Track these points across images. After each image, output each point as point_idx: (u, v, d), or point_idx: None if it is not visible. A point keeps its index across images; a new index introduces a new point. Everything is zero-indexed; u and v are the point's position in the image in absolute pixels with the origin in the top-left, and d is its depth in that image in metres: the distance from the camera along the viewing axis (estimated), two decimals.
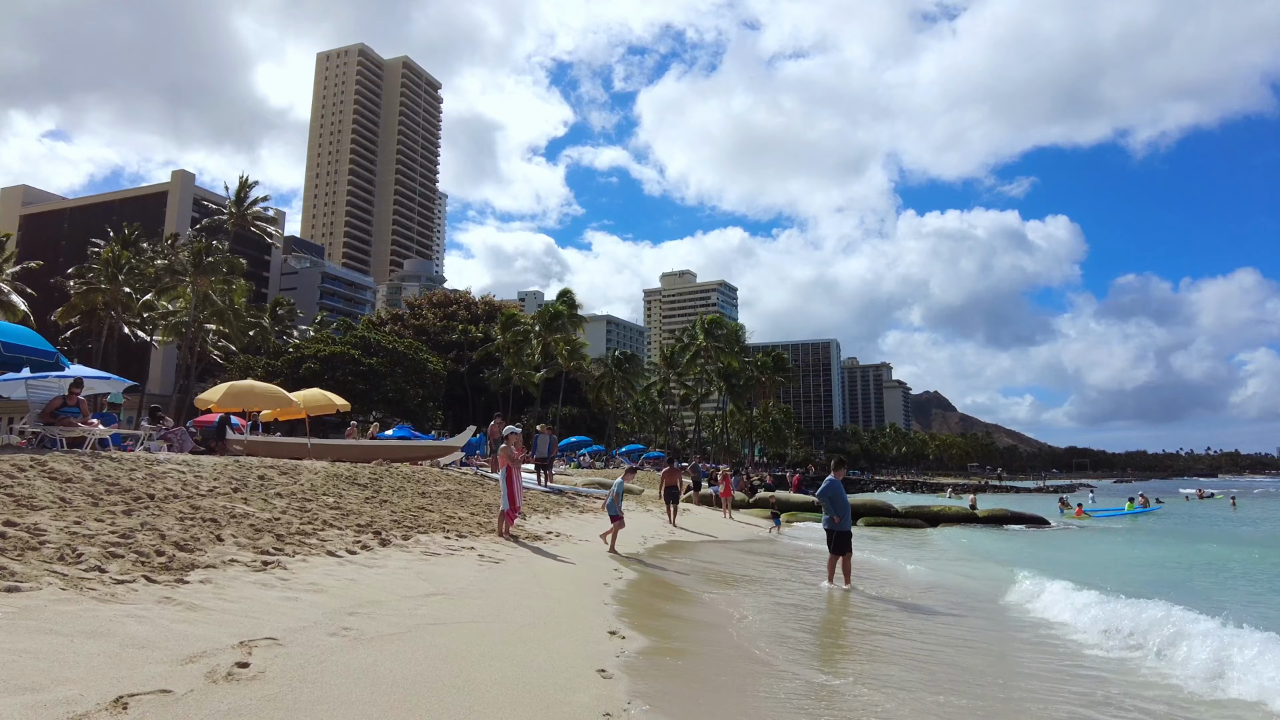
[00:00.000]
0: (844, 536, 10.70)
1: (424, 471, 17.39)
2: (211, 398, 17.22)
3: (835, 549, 10.73)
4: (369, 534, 9.01)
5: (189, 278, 45.09)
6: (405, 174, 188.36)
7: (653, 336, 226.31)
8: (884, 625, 8.18)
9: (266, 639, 4.46)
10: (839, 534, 10.70)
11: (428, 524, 10.78)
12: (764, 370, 76.43)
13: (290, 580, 6.12)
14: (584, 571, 9.45)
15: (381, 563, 7.61)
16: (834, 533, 10.74)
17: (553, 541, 11.63)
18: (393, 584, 6.77)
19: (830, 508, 10.90)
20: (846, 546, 10.69)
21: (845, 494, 11.04)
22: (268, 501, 9.87)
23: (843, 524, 10.74)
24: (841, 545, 10.68)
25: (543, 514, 15.08)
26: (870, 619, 8.56)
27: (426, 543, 9.28)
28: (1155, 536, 25.13)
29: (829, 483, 10.96)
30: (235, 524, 7.90)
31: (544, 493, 19.48)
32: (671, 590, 9.46)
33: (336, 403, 20.26)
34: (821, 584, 10.80)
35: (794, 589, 10.60)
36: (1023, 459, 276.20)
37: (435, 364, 70.13)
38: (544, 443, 21.34)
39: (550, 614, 6.63)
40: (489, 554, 9.25)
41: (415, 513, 11.67)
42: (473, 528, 11.33)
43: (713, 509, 27.15)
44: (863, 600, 9.85)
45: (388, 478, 15.38)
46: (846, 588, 10.45)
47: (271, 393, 18.11)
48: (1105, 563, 17.53)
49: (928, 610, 9.30)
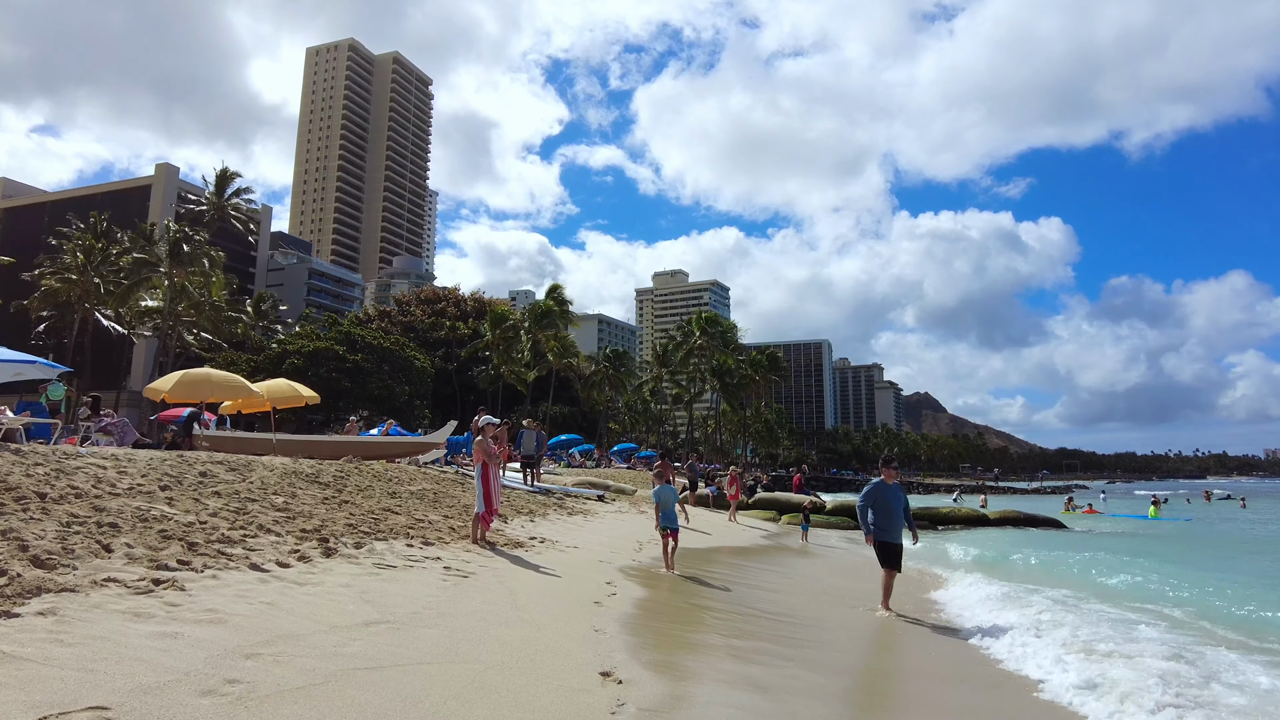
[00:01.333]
0: (888, 549, 9.11)
1: (399, 470, 15.90)
2: (162, 387, 15.66)
3: (886, 561, 9.18)
4: (313, 541, 7.54)
5: (164, 269, 43.29)
6: (395, 170, 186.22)
7: (645, 336, 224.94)
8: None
9: (90, 709, 3.00)
10: (885, 545, 9.12)
11: (390, 529, 9.31)
12: (758, 368, 75.13)
13: (181, 607, 4.65)
14: (571, 586, 8.00)
15: (318, 578, 6.15)
16: (883, 544, 9.15)
17: (536, 549, 10.17)
18: (324, 608, 5.30)
19: (874, 518, 9.16)
20: (890, 560, 9.09)
21: (897, 500, 9.17)
22: (200, 502, 8.38)
23: (891, 533, 9.11)
24: (886, 554, 9.10)
25: (526, 516, 13.61)
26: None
27: (383, 551, 7.81)
28: (1216, 540, 23.78)
29: (873, 487, 9.23)
30: (141, 530, 6.41)
31: (530, 493, 18.02)
32: (680, 609, 8.02)
33: (304, 394, 18.72)
34: (878, 612, 9.10)
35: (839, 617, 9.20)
36: (1013, 460, 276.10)
37: (422, 361, 68.48)
38: (530, 439, 19.88)
39: (525, 647, 5.18)
40: (457, 565, 7.78)
41: (378, 515, 10.19)
42: (444, 533, 9.87)
43: (710, 510, 25.72)
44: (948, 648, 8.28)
45: (356, 476, 13.91)
46: (885, 612, 8.96)
47: (229, 382, 16.56)
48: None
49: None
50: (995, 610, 9.70)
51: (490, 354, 66.34)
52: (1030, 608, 9.77)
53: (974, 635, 8.16)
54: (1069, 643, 7.33)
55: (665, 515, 10.71)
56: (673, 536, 10.60)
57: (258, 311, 67.79)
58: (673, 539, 10.60)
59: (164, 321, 44.66)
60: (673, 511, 10.81)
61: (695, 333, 73.05)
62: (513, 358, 65.31)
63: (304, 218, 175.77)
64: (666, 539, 10.63)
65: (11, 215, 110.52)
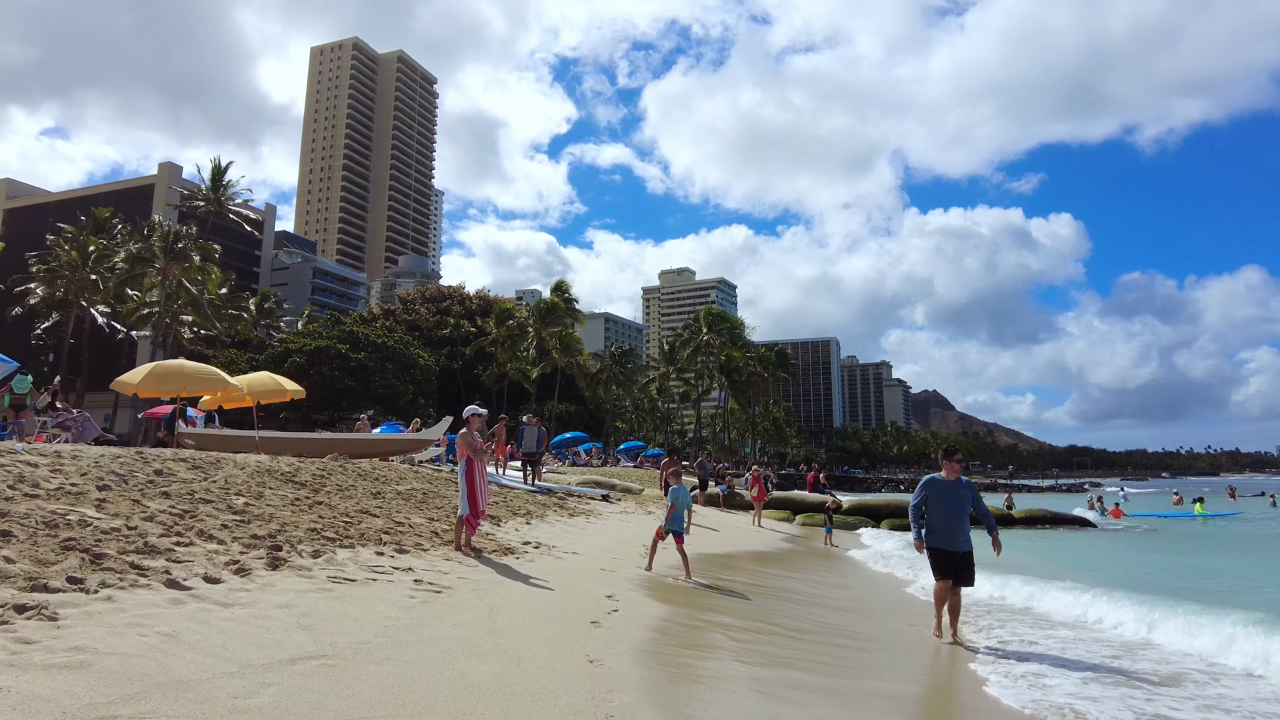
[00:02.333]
0: (945, 558, 7.35)
1: (388, 468, 14.80)
2: (131, 380, 14.58)
3: (940, 572, 7.41)
4: (261, 549, 6.42)
5: (160, 264, 42.33)
6: (400, 170, 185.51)
7: (651, 334, 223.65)
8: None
9: None
10: (941, 554, 7.37)
11: (361, 533, 8.19)
12: (766, 365, 73.87)
13: (37, 645, 3.53)
14: (566, 601, 6.85)
15: (251, 597, 5.02)
16: (937, 553, 7.41)
17: (529, 556, 9.03)
18: (243, 639, 4.17)
19: (930, 518, 7.50)
20: (951, 571, 7.33)
21: (958, 500, 7.44)
22: (140, 504, 7.27)
23: (949, 539, 7.35)
24: (944, 568, 7.36)
25: (522, 519, 12.47)
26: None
27: (345, 561, 6.68)
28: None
29: (927, 484, 7.60)
30: (39, 539, 5.29)
31: (530, 492, 16.89)
32: (694, 628, 6.86)
33: (288, 388, 17.59)
34: (939, 639, 7.54)
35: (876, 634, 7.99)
36: (1023, 458, 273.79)
37: (426, 359, 67.48)
38: (531, 435, 18.73)
39: (498, 689, 4.04)
40: (431, 577, 6.64)
41: (352, 518, 9.08)
42: (424, 538, 8.74)
43: (721, 510, 24.56)
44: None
45: (339, 475, 12.82)
46: (950, 641, 7.42)
47: (204, 374, 15.44)
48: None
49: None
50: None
51: (495, 351, 65.28)
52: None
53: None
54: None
55: (675, 518, 9.65)
56: (677, 541, 9.68)
57: (260, 310, 66.91)
58: (677, 543, 9.68)
59: (159, 318, 43.68)
60: (682, 515, 9.75)
61: (702, 329, 71.86)
62: (518, 355, 64.29)
63: (309, 217, 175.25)
64: (659, 540, 9.87)
65: (15, 216, 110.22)
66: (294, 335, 64.81)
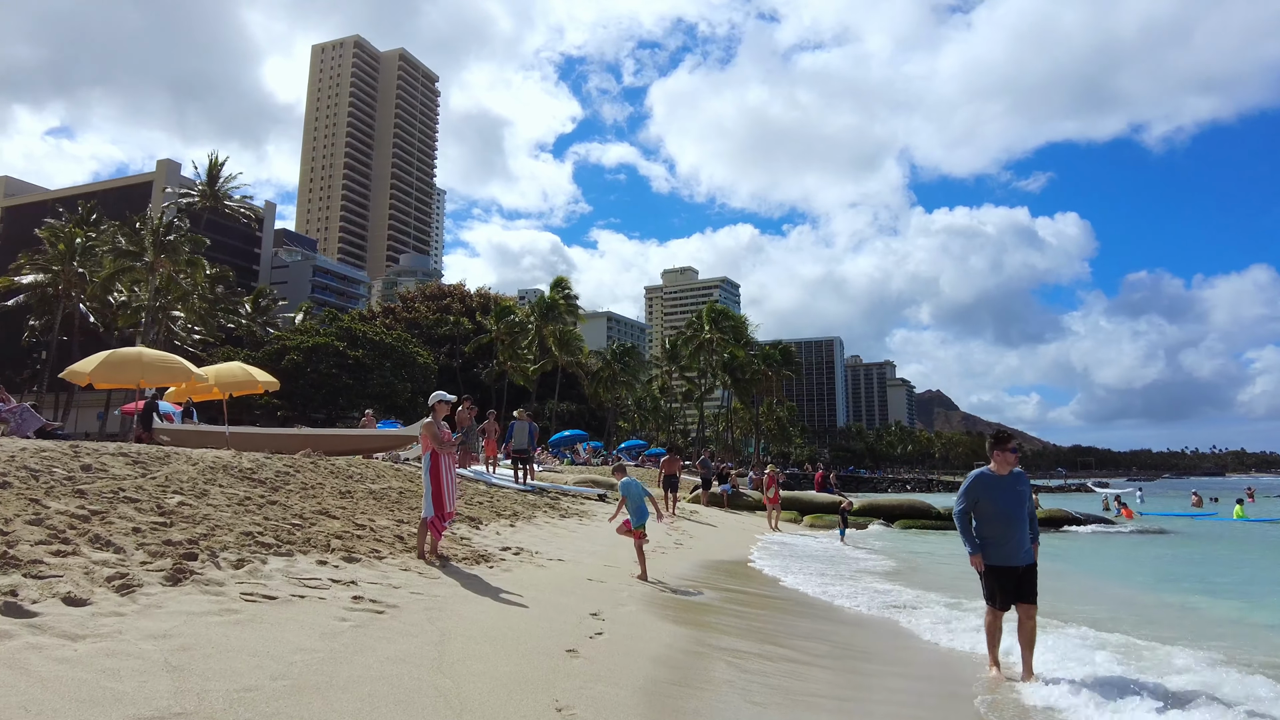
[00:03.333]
0: (1008, 576, 5.57)
1: (365, 466, 13.67)
2: (83, 370, 13.46)
3: (1001, 597, 5.63)
4: (168, 559, 5.28)
5: (148, 258, 41.26)
6: (402, 168, 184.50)
7: (654, 333, 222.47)
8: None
9: None
10: (1002, 572, 5.58)
11: (308, 538, 7.06)
12: (770, 363, 72.64)
13: None
14: (539, 622, 5.68)
15: (119, 625, 3.88)
16: (998, 571, 5.60)
17: (505, 565, 7.88)
18: (67, 690, 3.03)
19: (981, 525, 5.70)
20: (1013, 594, 5.57)
21: (1015, 500, 5.63)
22: (38, 503, 6.14)
23: (1009, 551, 5.56)
24: (1004, 588, 5.59)
25: (506, 521, 11.31)
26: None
27: (273, 572, 5.53)
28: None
29: (976, 481, 5.76)
30: None
31: (520, 492, 15.75)
32: (695, 655, 5.69)
33: (260, 379, 16.43)
34: (985, 672, 5.80)
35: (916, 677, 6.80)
36: (1028, 458, 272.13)
37: (425, 357, 66.39)
38: (522, 431, 17.57)
39: None
40: (376, 593, 5.50)
41: (306, 520, 7.95)
42: (385, 544, 7.61)
43: (725, 511, 23.42)
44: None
45: (309, 472, 11.71)
46: (1024, 681, 5.50)
47: (164, 363, 14.29)
48: None
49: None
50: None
51: (496, 349, 64.20)
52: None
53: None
54: None
55: (639, 511, 8.85)
56: (637, 536, 8.85)
57: (256, 307, 65.88)
58: (636, 539, 8.86)
59: (147, 314, 42.61)
60: (645, 507, 8.92)
61: (705, 326, 70.63)
62: (518, 353, 63.18)
63: (310, 216, 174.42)
64: (640, 543, 8.90)
65: (13, 214, 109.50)
66: (291, 332, 63.78)
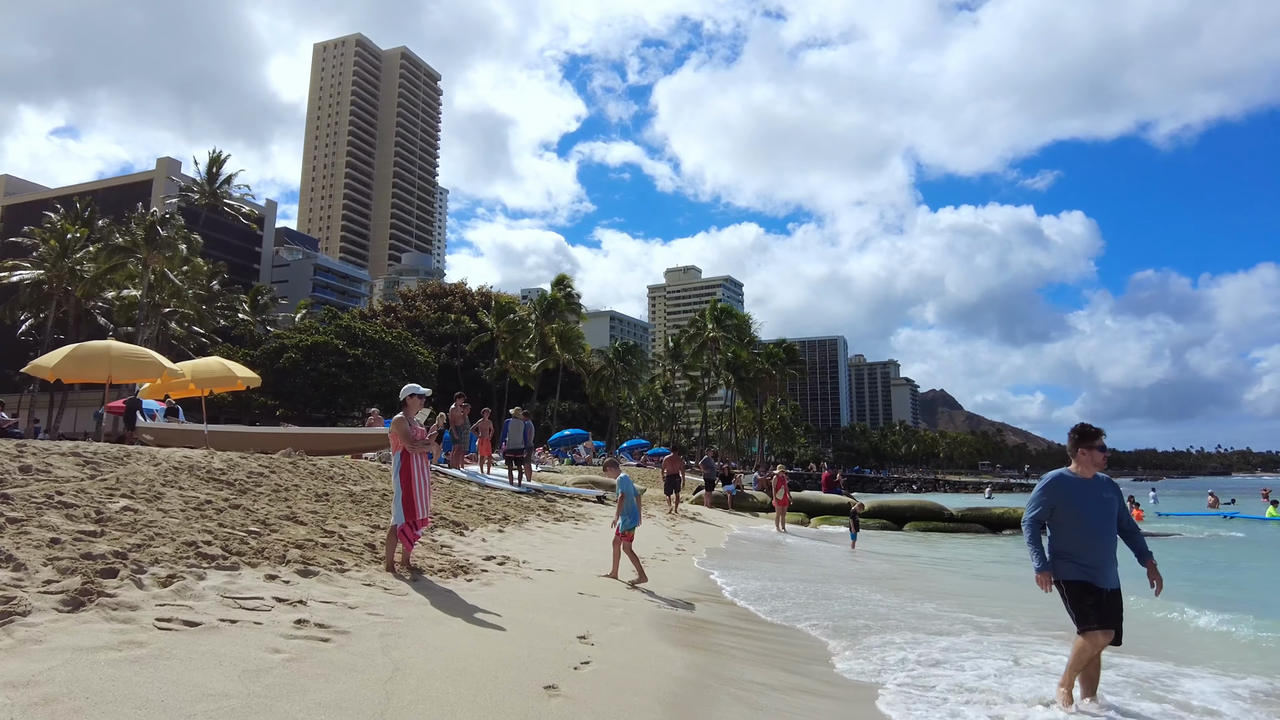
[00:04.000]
0: (1085, 596, 4.53)
1: (348, 467, 12.90)
2: (46, 363, 12.67)
3: (1095, 615, 4.50)
4: (77, 578, 4.49)
5: (141, 255, 40.53)
6: (404, 167, 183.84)
7: (657, 333, 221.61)
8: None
9: None
10: (1085, 590, 4.53)
11: (265, 548, 6.27)
12: (774, 361, 71.77)
13: None
14: (518, 647, 4.87)
15: None
16: (1079, 588, 4.55)
17: (487, 576, 7.08)
18: None
19: (1055, 539, 4.68)
20: (1089, 615, 4.50)
21: (1102, 507, 4.58)
22: None
23: (1095, 569, 4.53)
24: (1100, 609, 4.49)
25: (496, 525, 10.52)
26: None
27: (206, 591, 4.74)
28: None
29: (1054, 483, 4.67)
30: None
31: (514, 493, 14.96)
32: (699, 687, 4.88)
33: (240, 375, 15.62)
34: (1051, 708, 4.67)
35: None
36: (1032, 457, 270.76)
37: (426, 356, 65.66)
38: (517, 430, 16.77)
39: None
40: (326, 615, 4.70)
41: (268, 527, 7.17)
42: (352, 554, 6.83)
43: (729, 512, 22.62)
44: None
45: (285, 473, 10.97)
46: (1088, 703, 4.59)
47: (133, 356, 13.47)
48: None
49: None
50: None
51: (499, 347, 63.47)
52: None
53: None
54: None
55: (632, 512, 8.32)
56: (626, 538, 8.38)
57: (254, 305, 65.21)
58: (625, 540, 8.38)
59: (141, 310, 41.88)
60: (635, 508, 8.40)
61: (708, 324, 69.81)
62: (519, 352, 62.43)
63: (312, 215, 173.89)
64: (626, 545, 8.37)
65: (13, 212, 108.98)
66: (290, 331, 63.13)
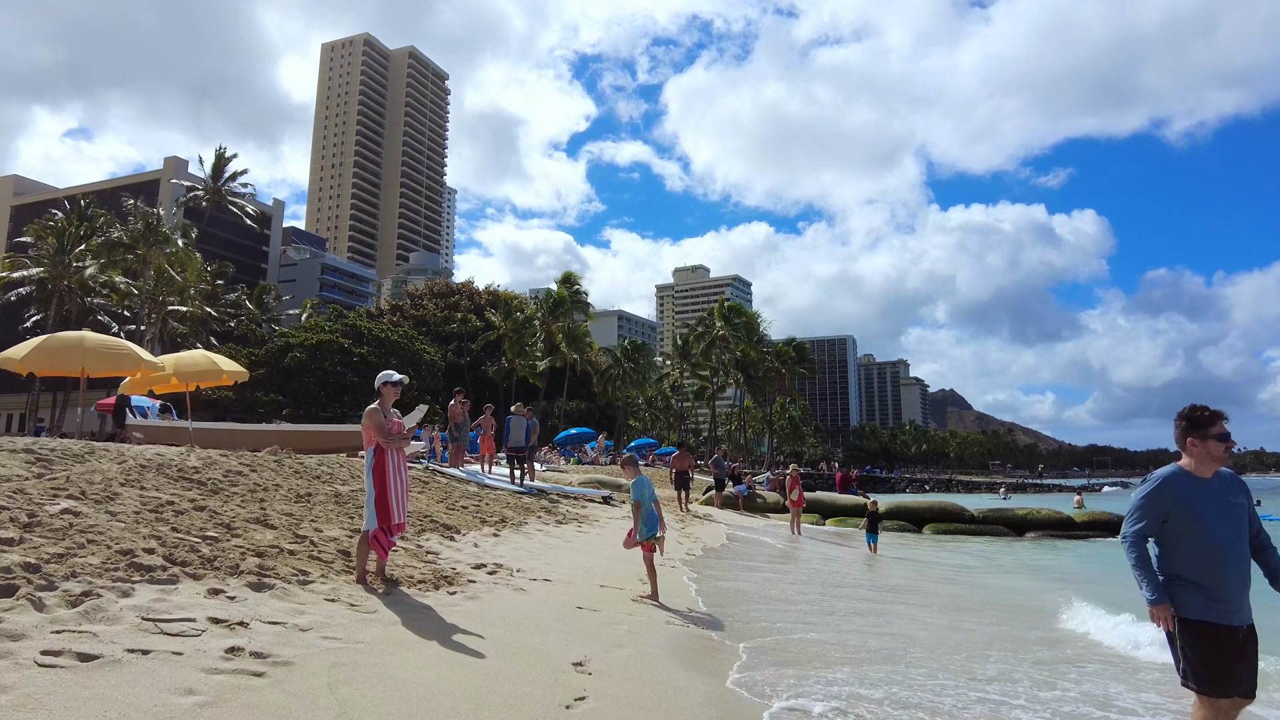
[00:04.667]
0: (1225, 638, 3.20)
1: (337, 465, 12.14)
2: (15, 355, 11.98)
3: (1221, 678, 3.22)
4: None
5: (140, 250, 39.99)
6: (412, 167, 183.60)
7: (665, 332, 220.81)
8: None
9: None
10: (1215, 631, 3.22)
11: (217, 556, 5.49)
12: (784, 360, 70.84)
13: None
14: (497, 680, 4.06)
15: None
16: (1206, 630, 3.22)
17: (473, 588, 6.28)
18: None
19: (1163, 559, 3.38)
20: (1225, 678, 3.20)
21: (1229, 517, 3.29)
22: None
23: (1227, 602, 3.22)
24: (1229, 663, 3.21)
25: (491, 529, 9.73)
26: None
27: (126, 611, 3.96)
28: None
29: (1163, 486, 3.37)
30: None
31: (515, 494, 14.18)
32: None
33: (225, 369, 14.85)
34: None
35: None
36: (1042, 457, 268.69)
37: (432, 355, 65.08)
38: (519, 427, 15.98)
39: None
40: (268, 640, 3.91)
41: (230, 532, 6.41)
42: (324, 561, 6.05)
43: (740, 513, 21.80)
44: None
45: (267, 471, 10.24)
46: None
47: (109, 348, 12.72)
48: None
49: None
50: None
51: (505, 346, 62.81)
52: None
53: None
54: None
55: (650, 519, 7.22)
56: (646, 548, 7.31)
57: (259, 304, 64.75)
58: (645, 550, 7.33)
59: (140, 307, 41.33)
60: (654, 514, 7.30)
61: (717, 323, 68.93)
62: (525, 350, 61.74)
63: (320, 214, 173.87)
64: (650, 553, 7.33)
65: (23, 212, 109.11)
66: (294, 330, 62.66)
